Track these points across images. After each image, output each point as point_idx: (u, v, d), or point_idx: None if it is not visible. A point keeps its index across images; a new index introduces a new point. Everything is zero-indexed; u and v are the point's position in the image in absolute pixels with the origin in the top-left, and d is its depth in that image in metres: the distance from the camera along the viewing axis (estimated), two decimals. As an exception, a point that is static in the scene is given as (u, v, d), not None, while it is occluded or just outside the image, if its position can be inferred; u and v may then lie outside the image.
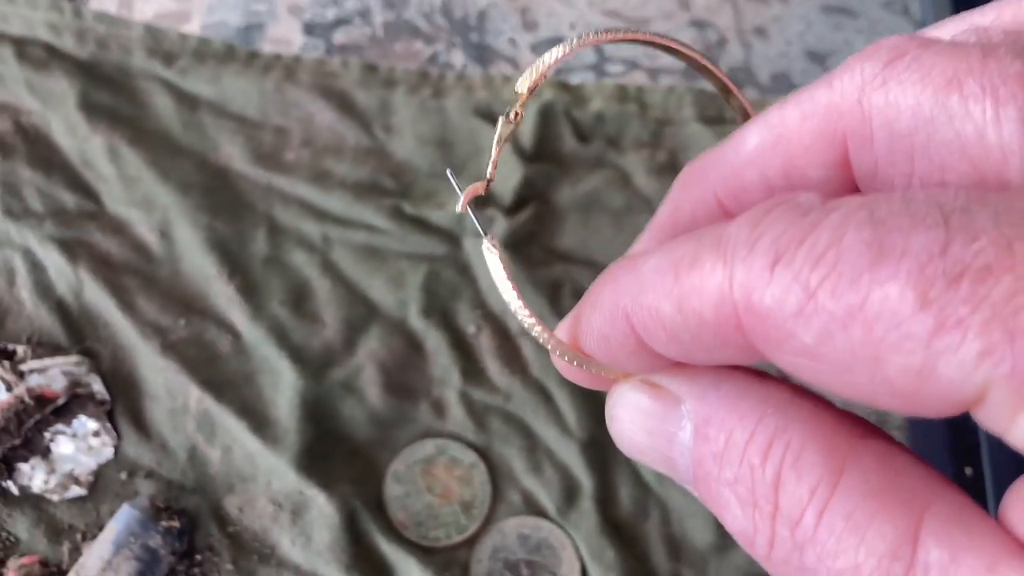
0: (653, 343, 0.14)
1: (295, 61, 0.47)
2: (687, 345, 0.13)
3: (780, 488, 0.12)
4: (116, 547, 0.37)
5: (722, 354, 0.13)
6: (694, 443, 0.14)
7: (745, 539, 0.13)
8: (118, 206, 0.43)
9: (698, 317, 0.12)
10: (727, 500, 0.13)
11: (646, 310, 0.13)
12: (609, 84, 0.48)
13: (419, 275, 0.43)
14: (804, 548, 0.12)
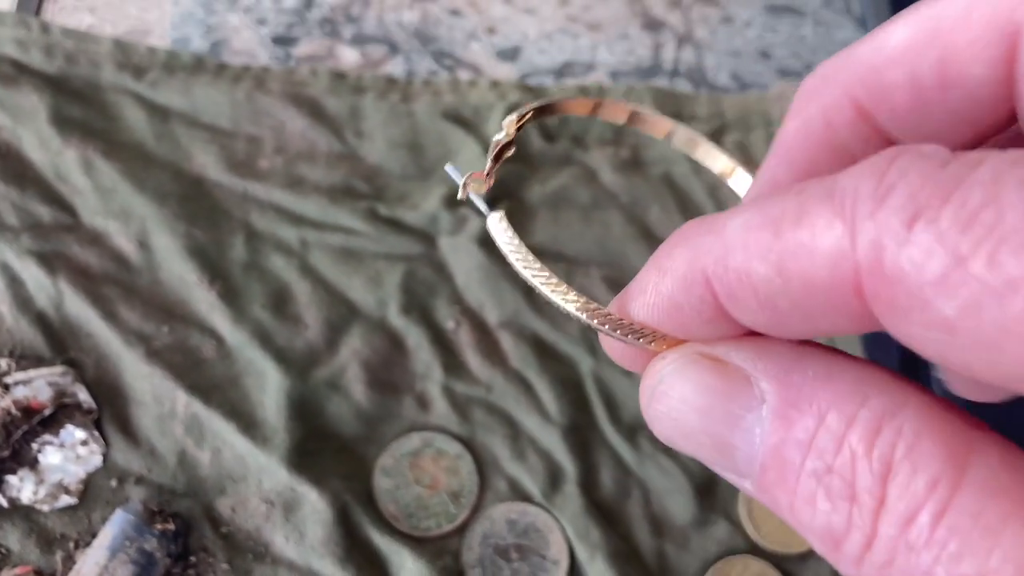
0: (737, 311, 0.13)
1: (264, 71, 0.48)
2: (782, 313, 0.12)
3: (890, 480, 0.11)
4: (112, 552, 0.37)
5: (825, 323, 0.12)
6: (771, 427, 0.12)
7: (830, 539, 0.12)
8: (94, 218, 0.44)
9: (804, 280, 0.11)
10: (810, 494, 0.12)
11: (733, 272, 0.12)
12: (571, 85, 0.49)
13: (396, 274, 0.44)
14: (917, 549, 0.11)
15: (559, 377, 0.43)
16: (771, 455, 0.12)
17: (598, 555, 0.39)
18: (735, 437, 0.13)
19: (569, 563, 0.40)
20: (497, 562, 0.40)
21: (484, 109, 0.48)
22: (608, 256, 0.46)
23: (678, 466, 0.41)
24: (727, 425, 0.13)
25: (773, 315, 0.12)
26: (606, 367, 0.43)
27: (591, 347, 0.44)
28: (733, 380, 0.13)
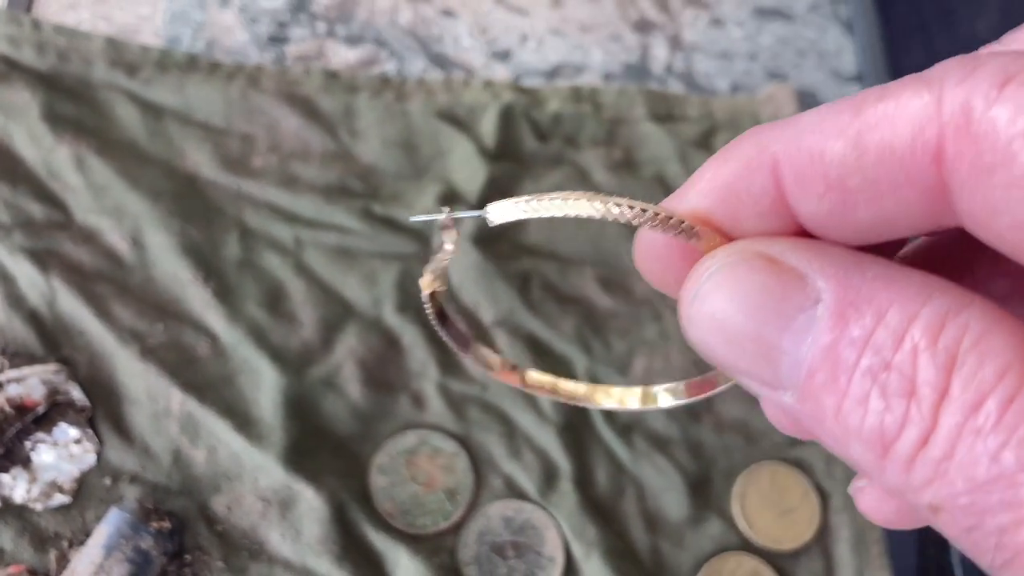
0: (802, 197, 0.12)
1: (257, 70, 0.48)
2: (850, 194, 0.12)
3: (954, 371, 0.11)
4: (107, 550, 0.37)
5: (893, 202, 0.12)
6: (826, 326, 0.12)
7: (879, 442, 0.11)
8: (87, 215, 0.43)
9: (881, 150, 0.11)
10: (862, 394, 0.11)
11: (805, 153, 0.12)
12: (564, 86, 0.50)
13: (392, 273, 0.44)
14: (983, 434, 0.11)
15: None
16: (822, 355, 0.12)
17: (594, 552, 0.40)
18: (784, 339, 0.12)
19: (565, 560, 0.40)
20: (493, 559, 0.40)
21: (478, 109, 0.48)
22: (601, 256, 0.46)
23: (672, 464, 0.42)
24: (777, 326, 0.12)
25: (839, 198, 0.12)
26: (600, 366, 0.43)
27: (585, 346, 0.44)
28: (787, 279, 0.12)
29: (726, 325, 0.13)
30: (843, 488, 0.42)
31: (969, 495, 0.11)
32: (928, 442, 0.11)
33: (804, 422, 0.13)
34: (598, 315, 0.45)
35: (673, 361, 0.44)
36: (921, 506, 0.11)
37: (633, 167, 0.48)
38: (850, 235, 0.13)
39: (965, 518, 0.11)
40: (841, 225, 0.13)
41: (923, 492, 0.11)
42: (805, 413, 0.12)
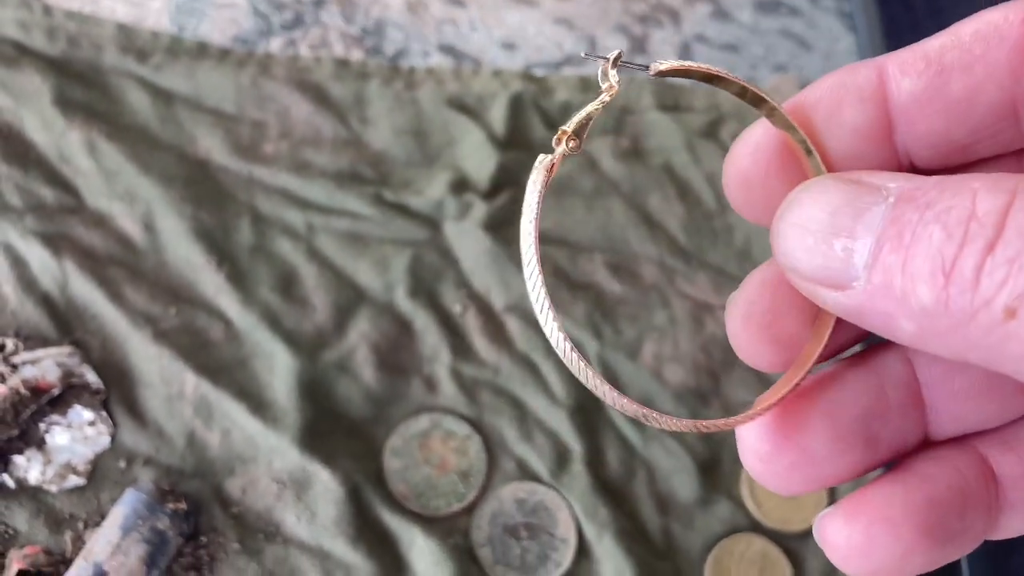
0: (903, 75, 0.15)
1: (268, 57, 0.48)
2: (948, 66, 0.14)
3: (1017, 194, 0.12)
4: (124, 531, 0.37)
5: (985, 66, 0.14)
6: (896, 202, 0.13)
7: (943, 265, 0.12)
8: (99, 199, 0.43)
9: (977, 30, 0.14)
10: (925, 235, 0.13)
11: (908, 50, 0.14)
12: (572, 76, 0.50)
13: (403, 259, 0.44)
14: None
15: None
16: (889, 223, 0.13)
17: (606, 533, 0.40)
18: (858, 227, 0.14)
19: (577, 541, 0.40)
20: (506, 541, 0.40)
21: (487, 98, 0.49)
22: (610, 242, 0.46)
23: (682, 447, 0.42)
24: (852, 217, 0.14)
25: (936, 72, 0.14)
26: (611, 351, 0.44)
27: (596, 331, 0.44)
28: (865, 188, 0.14)
29: (809, 225, 0.14)
30: (849, 471, 0.43)
31: None
32: (995, 248, 0.12)
33: (870, 307, 0.14)
34: (608, 301, 0.45)
35: (682, 346, 0.44)
36: (994, 319, 0.12)
37: (641, 156, 0.49)
38: (940, 118, 0.15)
39: None
40: (935, 101, 0.15)
41: (996, 300, 0.12)
42: (873, 289, 0.13)
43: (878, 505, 0.17)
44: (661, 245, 0.46)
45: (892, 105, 0.16)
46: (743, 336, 0.18)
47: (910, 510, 0.16)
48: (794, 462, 0.17)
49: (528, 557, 0.40)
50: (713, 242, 0.47)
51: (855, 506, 0.17)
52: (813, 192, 0.15)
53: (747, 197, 0.17)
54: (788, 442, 0.17)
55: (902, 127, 0.16)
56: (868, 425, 0.18)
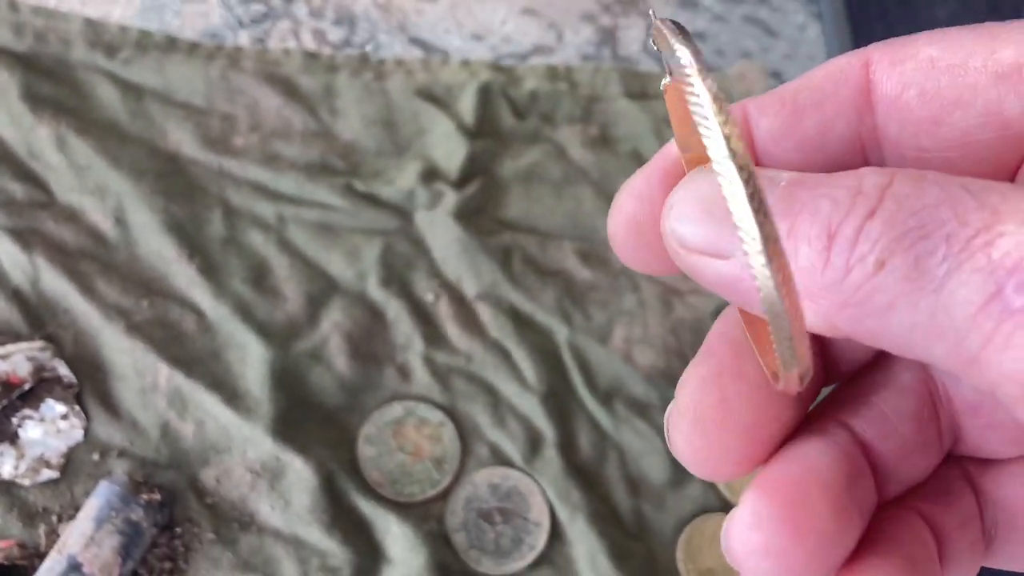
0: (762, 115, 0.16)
1: (237, 50, 0.48)
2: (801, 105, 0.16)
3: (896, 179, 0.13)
4: (98, 523, 0.37)
5: (835, 103, 0.16)
6: (787, 185, 0.14)
7: (824, 231, 0.13)
8: (69, 194, 0.44)
9: (828, 71, 0.16)
10: (816, 206, 0.14)
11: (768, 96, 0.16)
12: (540, 65, 0.51)
13: (375, 249, 0.45)
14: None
15: (536, 346, 0.44)
16: (781, 197, 0.14)
17: (578, 516, 0.41)
18: None
19: (550, 524, 0.41)
20: (481, 525, 0.41)
21: (456, 88, 0.49)
22: (580, 230, 0.47)
23: (653, 429, 0.43)
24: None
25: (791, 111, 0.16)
26: (581, 336, 0.44)
27: (566, 317, 0.45)
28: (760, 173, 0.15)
29: (695, 197, 0.15)
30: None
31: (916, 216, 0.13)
32: (875, 213, 0.13)
33: (741, 279, 0.15)
34: (578, 287, 0.46)
35: (651, 329, 0.45)
36: (866, 272, 0.13)
37: (609, 143, 0.49)
38: (797, 153, 0.16)
39: (913, 256, 0.13)
40: (790, 137, 0.16)
41: (869, 255, 0.13)
42: (742, 261, 0.14)
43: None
44: (631, 231, 0.47)
45: (755, 143, 0.17)
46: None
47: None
48: (813, 549, 0.16)
49: (502, 541, 0.41)
50: (682, 227, 0.47)
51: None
52: (706, 173, 0.15)
53: (637, 241, 0.17)
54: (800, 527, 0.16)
55: (763, 160, 0.17)
56: (854, 492, 0.17)
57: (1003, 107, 0.15)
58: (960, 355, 0.12)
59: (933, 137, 0.15)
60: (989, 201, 0.12)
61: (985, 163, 0.15)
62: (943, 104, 0.15)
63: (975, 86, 0.15)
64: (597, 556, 0.40)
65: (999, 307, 0.12)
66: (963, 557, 0.18)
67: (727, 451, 0.17)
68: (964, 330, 0.12)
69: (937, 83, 0.15)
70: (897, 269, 0.13)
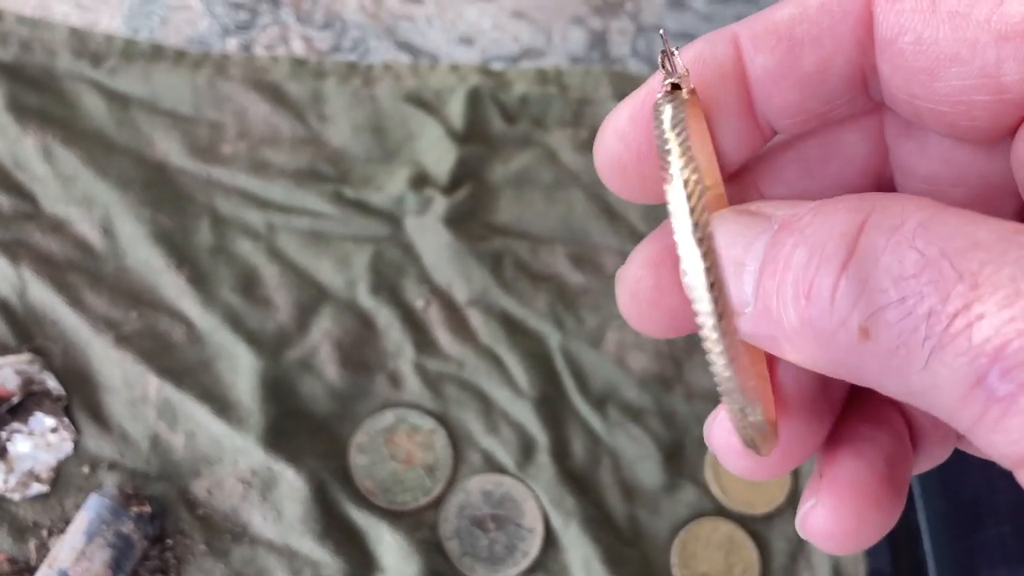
0: (757, 50, 0.16)
1: (224, 58, 0.48)
2: (799, 40, 0.15)
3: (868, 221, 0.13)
4: (88, 536, 0.37)
5: (833, 40, 0.15)
6: (776, 230, 0.14)
7: (801, 291, 0.13)
8: (56, 205, 0.43)
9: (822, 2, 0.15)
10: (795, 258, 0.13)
11: (759, 21, 0.15)
12: (530, 69, 0.50)
13: (365, 256, 0.44)
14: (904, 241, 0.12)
15: (528, 352, 0.44)
16: (769, 248, 0.14)
17: (572, 522, 0.40)
18: (748, 256, 0.14)
19: (544, 531, 0.41)
20: (474, 532, 0.41)
21: (445, 92, 0.49)
22: (572, 234, 0.47)
23: (646, 434, 0.43)
24: (744, 247, 0.14)
25: (788, 48, 0.15)
26: (574, 341, 0.44)
27: (558, 321, 0.45)
28: (758, 219, 0.15)
29: None
30: (812, 452, 0.43)
31: (897, 287, 0.12)
32: (847, 267, 0.13)
33: (759, 330, 0.14)
34: (570, 291, 0.45)
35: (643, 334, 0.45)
36: (851, 338, 0.13)
37: (600, 146, 0.49)
38: (795, 91, 0.16)
39: (896, 331, 0.12)
40: (789, 76, 0.16)
41: (850, 319, 0.13)
42: (758, 313, 0.14)
43: (857, 486, 0.17)
44: (622, 234, 0.47)
45: (749, 80, 0.16)
46: (632, 311, 0.18)
47: (882, 480, 0.17)
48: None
49: (496, 548, 0.40)
50: (673, 230, 0.47)
51: (836, 495, 0.17)
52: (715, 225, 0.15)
53: (622, 180, 0.18)
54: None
55: (760, 100, 0.16)
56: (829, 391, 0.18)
57: (1001, 71, 0.14)
58: (958, 424, 0.12)
59: (926, 89, 0.15)
60: (969, 270, 0.12)
61: (979, 122, 0.15)
62: (939, 58, 0.14)
63: (975, 43, 0.14)
64: (591, 562, 0.40)
65: (984, 394, 0.11)
66: (935, 451, 0.19)
67: (657, 325, 0.18)
68: (955, 408, 0.12)
69: (936, 33, 0.14)
70: (882, 343, 0.12)
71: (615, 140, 0.18)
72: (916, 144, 0.17)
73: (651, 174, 0.17)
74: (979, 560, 0.43)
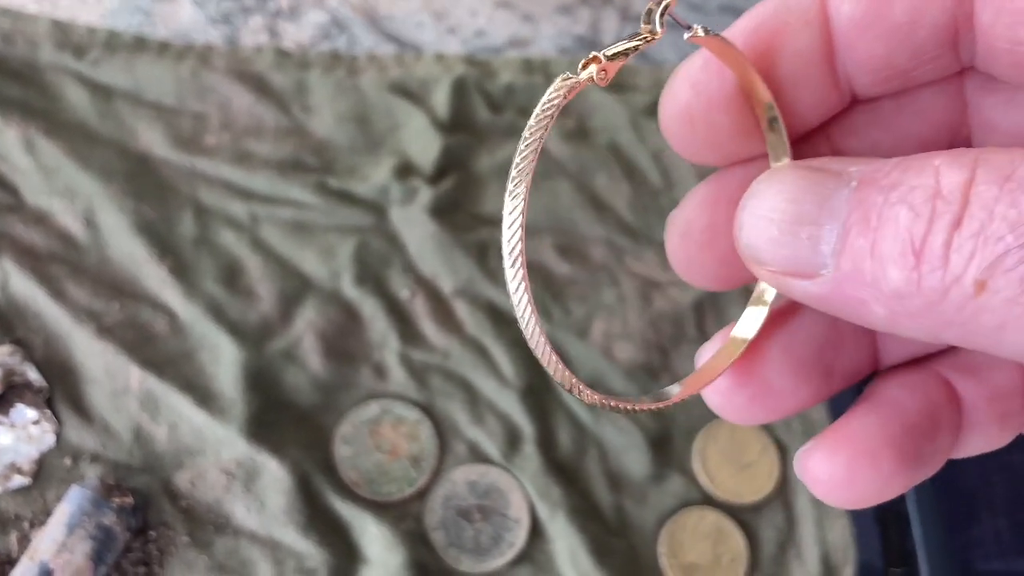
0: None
1: (208, 49, 0.47)
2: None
3: (977, 167, 0.12)
4: (70, 528, 0.36)
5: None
6: (859, 185, 0.13)
7: (911, 250, 0.12)
8: (38, 197, 0.43)
9: None
10: (891, 216, 0.13)
11: None
12: (515, 58, 0.50)
13: (349, 246, 0.44)
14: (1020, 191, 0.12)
15: (514, 342, 0.43)
16: (854, 206, 0.13)
17: (559, 512, 0.40)
18: (822, 214, 0.13)
19: (530, 521, 0.40)
20: (460, 523, 0.40)
21: (430, 82, 0.48)
22: (558, 223, 0.46)
23: (633, 424, 0.42)
24: (816, 204, 0.13)
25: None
26: (560, 331, 0.44)
27: (545, 312, 0.44)
28: (826, 174, 0.14)
29: (772, 215, 0.14)
30: (801, 441, 0.43)
31: (1015, 233, 0.11)
32: (961, 223, 0.12)
33: (840, 295, 0.13)
34: (557, 282, 0.45)
35: (631, 323, 0.44)
36: (966, 294, 0.12)
37: (586, 135, 0.49)
38: (881, 43, 0.15)
39: (1017, 277, 0.12)
40: (876, 25, 0.14)
41: (966, 274, 0.12)
42: (842, 276, 0.13)
43: (858, 439, 0.17)
44: (609, 224, 0.46)
45: (833, 30, 0.15)
46: (681, 254, 0.17)
47: (888, 440, 0.17)
48: (754, 395, 0.18)
49: (481, 539, 0.40)
50: (660, 219, 0.47)
51: (835, 441, 0.17)
52: (774, 182, 0.14)
53: (689, 134, 0.17)
54: (749, 377, 0.18)
55: (843, 52, 0.16)
56: (824, 355, 0.18)
57: None
58: None
59: None
60: None
61: None
62: None
63: None
64: (578, 552, 0.39)
65: None
66: (989, 432, 0.18)
67: (707, 273, 0.17)
68: None
69: None
70: (1001, 291, 0.12)
71: (686, 88, 0.17)
72: (1001, 98, 0.16)
73: (720, 122, 0.16)
74: (975, 554, 0.43)
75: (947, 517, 0.43)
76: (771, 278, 0.15)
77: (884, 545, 0.43)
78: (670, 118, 0.17)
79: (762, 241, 0.14)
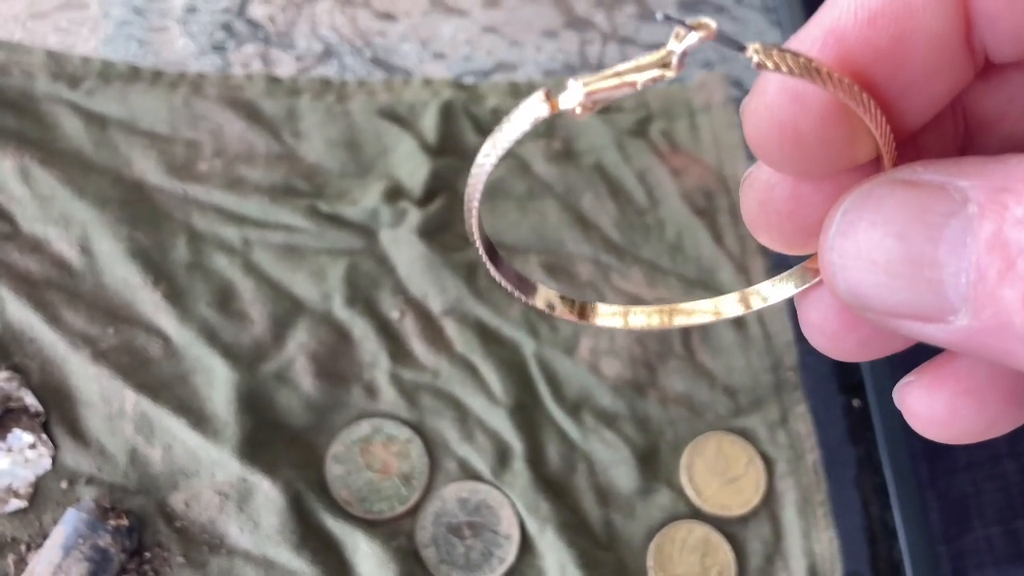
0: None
1: (200, 77, 0.49)
2: None
3: None
4: (65, 550, 0.37)
5: None
6: (983, 216, 0.11)
7: None
8: (34, 225, 0.44)
9: None
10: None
11: None
12: (502, 82, 0.51)
13: (339, 268, 0.45)
14: None
15: (503, 360, 0.44)
16: (988, 247, 0.11)
17: (548, 527, 0.41)
18: (940, 251, 0.11)
19: (520, 537, 0.41)
20: (450, 540, 0.41)
21: (418, 106, 0.49)
22: (545, 243, 0.47)
23: (621, 439, 0.43)
24: (929, 237, 0.11)
25: None
26: (548, 348, 0.45)
27: (533, 330, 0.45)
28: (927, 192, 0.12)
29: (875, 255, 0.12)
30: (787, 454, 0.44)
31: None
32: None
33: (980, 343, 0.12)
34: (544, 300, 0.46)
35: (617, 340, 0.45)
36: None
37: (572, 157, 0.50)
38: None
39: None
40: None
41: None
42: (984, 326, 0.12)
43: (962, 377, 0.15)
44: (595, 243, 0.47)
45: (972, 28, 0.13)
46: (760, 221, 0.16)
47: (995, 380, 0.15)
48: (864, 340, 0.16)
49: (472, 555, 0.41)
50: (646, 237, 0.48)
51: (938, 378, 0.15)
52: (868, 210, 0.12)
53: (794, 148, 0.14)
54: (858, 321, 0.15)
55: (982, 25, 0.13)
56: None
57: None
58: None
59: None
60: None
61: None
62: None
63: None
64: (567, 567, 0.40)
65: None
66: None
67: (788, 241, 0.15)
68: None
69: None
70: None
71: (785, 102, 0.14)
72: None
73: (832, 136, 0.13)
74: (967, 562, 0.44)
75: (939, 526, 0.44)
76: (885, 321, 0.13)
77: (871, 556, 0.43)
78: (767, 135, 0.14)
79: (867, 288, 0.12)
